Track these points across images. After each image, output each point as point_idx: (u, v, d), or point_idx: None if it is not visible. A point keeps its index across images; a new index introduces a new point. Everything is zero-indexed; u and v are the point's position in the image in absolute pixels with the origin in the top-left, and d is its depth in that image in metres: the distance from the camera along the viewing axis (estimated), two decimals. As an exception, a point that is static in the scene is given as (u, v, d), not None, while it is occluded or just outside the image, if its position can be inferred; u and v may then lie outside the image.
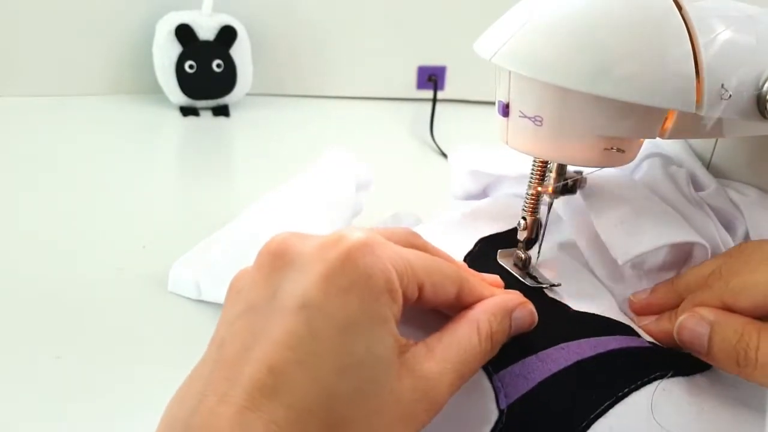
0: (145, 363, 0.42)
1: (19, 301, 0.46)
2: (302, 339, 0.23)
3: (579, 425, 0.29)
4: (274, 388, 0.23)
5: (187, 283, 0.47)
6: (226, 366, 0.24)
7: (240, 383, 0.23)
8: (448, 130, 0.80)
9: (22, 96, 0.80)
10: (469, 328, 0.28)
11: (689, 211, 0.38)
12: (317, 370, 0.23)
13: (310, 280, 0.24)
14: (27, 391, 0.39)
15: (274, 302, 0.25)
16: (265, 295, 0.25)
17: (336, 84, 0.89)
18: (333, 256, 0.25)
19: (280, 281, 0.25)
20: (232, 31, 0.79)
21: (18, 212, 0.57)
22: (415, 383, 0.25)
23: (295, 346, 0.23)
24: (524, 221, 0.36)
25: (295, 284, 0.25)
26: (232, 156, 0.77)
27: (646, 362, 0.31)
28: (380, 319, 0.25)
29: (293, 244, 0.26)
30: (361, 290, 0.24)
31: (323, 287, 0.24)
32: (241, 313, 0.25)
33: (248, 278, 0.26)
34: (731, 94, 0.29)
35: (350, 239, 0.25)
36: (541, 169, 0.35)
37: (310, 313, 0.24)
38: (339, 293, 0.24)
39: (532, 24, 0.30)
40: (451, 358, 0.27)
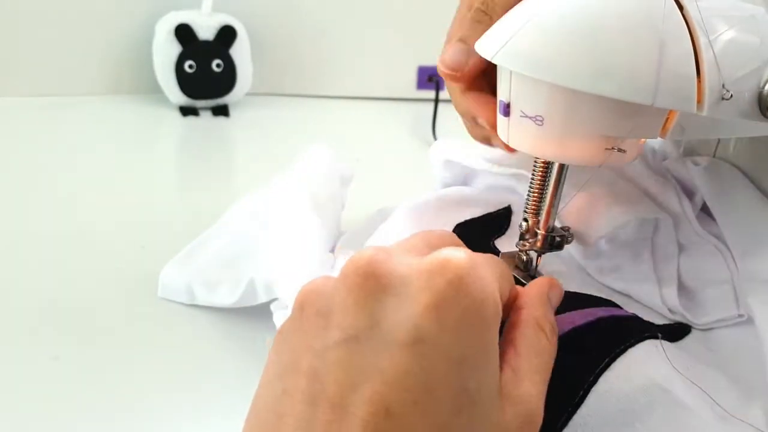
0: (145, 363, 0.42)
1: (18, 301, 0.46)
2: (417, 377, 0.21)
3: (587, 380, 0.29)
4: (391, 430, 0.21)
5: (178, 288, 0.46)
6: (331, 405, 0.22)
7: (351, 426, 0.21)
8: (448, 131, 0.80)
9: (22, 96, 0.80)
10: (534, 332, 0.27)
11: (651, 184, 0.40)
12: (434, 413, 0.21)
13: (419, 311, 0.22)
14: (25, 391, 0.39)
15: (380, 334, 0.22)
16: (367, 324, 0.22)
17: (336, 84, 0.89)
18: (442, 284, 0.23)
19: (380, 309, 0.23)
20: (231, 30, 0.79)
21: (18, 212, 0.57)
22: (517, 410, 0.24)
23: (411, 387, 0.21)
24: (526, 223, 0.35)
25: (402, 315, 0.22)
26: (231, 156, 0.77)
27: (636, 327, 0.32)
28: (493, 349, 0.23)
29: (387, 264, 0.24)
30: (473, 320, 0.23)
31: (435, 319, 0.22)
32: (339, 343, 0.22)
33: (335, 300, 0.24)
34: (732, 94, 0.29)
35: (457, 263, 0.23)
36: (543, 169, 0.35)
37: (424, 349, 0.22)
38: (452, 325, 0.22)
39: (534, 24, 0.30)
40: (534, 368, 0.26)
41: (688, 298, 0.38)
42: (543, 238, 0.35)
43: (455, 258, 0.23)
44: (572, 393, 0.29)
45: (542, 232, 0.35)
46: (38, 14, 0.78)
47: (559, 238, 0.35)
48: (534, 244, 0.35)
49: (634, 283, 0.38)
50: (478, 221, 0.41)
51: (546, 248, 0.35)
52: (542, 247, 0.35)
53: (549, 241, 0.35)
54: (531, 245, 0.35)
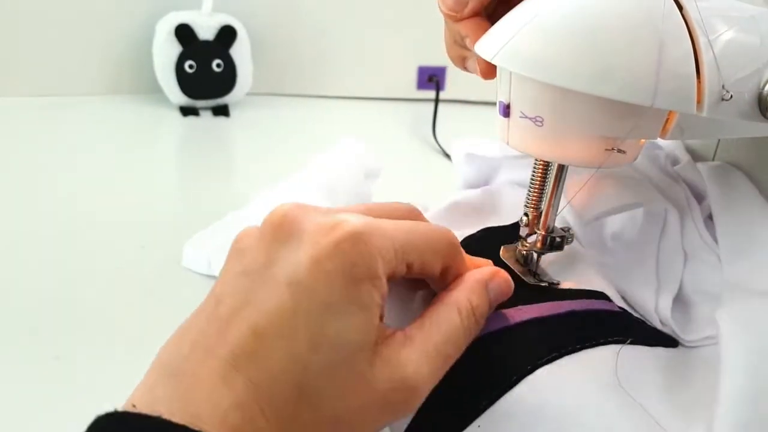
0: (145, 363, 0.42)
1: (18, 300, 0.46)
2: (285, 312, 0.25)
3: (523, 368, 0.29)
4: (254, 351, 0.25)
5: (199, 260, 0.50)
6: (219, 322, 0.26)
7: (226, 340, 0.25)
8: (448, 131, 0.80)
9: (22, 96, 0.80)
10: (448, 309, 0.29)
11: (662, 181, 0.39)
12: (293, 342, 0.25)
13: (302, 260, 0.26)
14: (25, 391, 0.39)
15: (268, 272, 0.26)
16: (263, 262, 0.27)
17: (336, 84, 0.89)
18: (325, 241, 0.26)
19: (277, 252, 0.27)
20: (231, 30, 0.79)
21: (18, 212, 0.57)
22: (392, 372, 0.26)
23: (277, 318, 0.25)
24: (526, 218, 0.36)
25: (289, 260, 0.26)
26: (231, 156, 0.77)
27: (610, 326, 0.32)
28: (358, 305, 0.26)
29: (296, 218, 0.28)
30: (343, 277, 0.26)
31: (311, 269, 0.26)
32: (239, 274, 0.27)
33: (252, 241, 0.28)
34: (732, 94, 0.29)
35: (345, 227, 0.26)
36: (543, 169, 0.35)
37: (295, 290, 0.26)
38: (324, 277, 0.26)
39: (534, 25, 0.30)
40: (432, 341, 0.28)
41: (682, 311, 0.37)
42: (543, 238, 0.35)
43: (348, 221, 0.27)
44: (506, 377, 0.29)
45: (542, 233, 0.35)
46: (38, 14, 0.78)
47: (559, 239, 0.35)
48: (534, 245, 0.35)
49: (634, 284, 0.38)
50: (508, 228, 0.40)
51: (546, 249, 0.35)
52: (542, 247, 0.35)
53: (549, 242, 0.35)
54: (531, 246, 0.36)
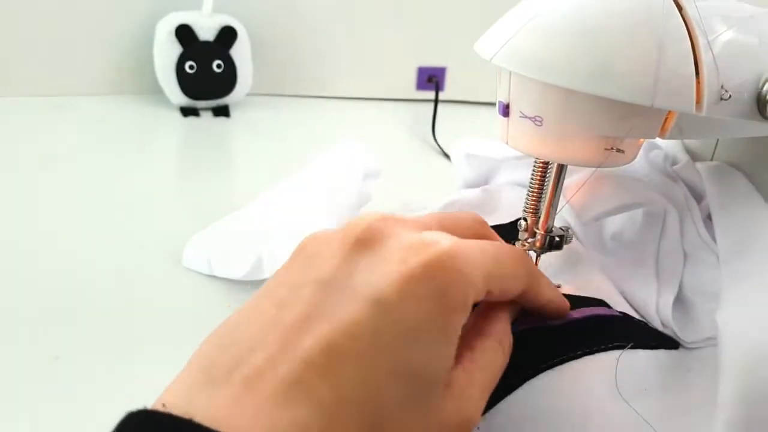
0: (145, 362, 0.42)
1: (18, 300, 0.46)
2: (365, 331, 0.23)
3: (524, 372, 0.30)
4: (326, 368, 0.22)
5: (199, 260, 0.50)
6: (284, 330, 0.23)
7: (294, 351, 0.23)
8: (448, 131, 0.80)
9: (22, 96, 0.80)
10: (493, 345, 0.28)
11: (660, 182, 0.40)
12: (371, 367, 0.23)
13: (389, 277, 0.24)
14: (26, 391, 0.39)
15: (347, 284, 0.24)
16: (342, 274, 0.25)
17: (336, 84, 0.89)
18: (417, 261, 0.24)
19: (358, 265, 0.25)
20: (232, 31, 0.79)
21: (18, 212, 0.57)
22: (458, 409, 0.25)
23: (358, 337, 0.23)
24: (525, 222, 0.36)
25: (372, 275, 0.24)
26: (232, 156, 0.77)
27: (613, 332, 0.32)
28: (446, 336, 0.24)
29: (381, 230, 0.26)
30: (434, 304, 0.24)
31: (400, 289, 0.24)
32: (312, 282, 0.25)
33: (326, 248, 0.26)
34: (731, 94, 0.29)
35: (439, 247, 0.25)
36: (542, 169, 0.35)
37: (380, 310, 0.23)
38: (413, 300, 0.24)
39: (533, 24, 0.30)
40: (485, 380, 0.27)
41: (683, 312, 0.37)
42: (542, 238, 0.35)
43: (439, 242, 0.25)
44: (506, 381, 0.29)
45: (541, 232, 0.35)
46: (38, 14, 0.78)
47: (558, 239, 0.35)
48: (533, 245, 0.35)
49: (634, 285, 0.38)
50: (505, 226, 0.41)
51: (545, 248, 0.35)
52: (541, 247, 0.35)
53: (548, 242, 0.35)
54: (530, 245, 0.36)
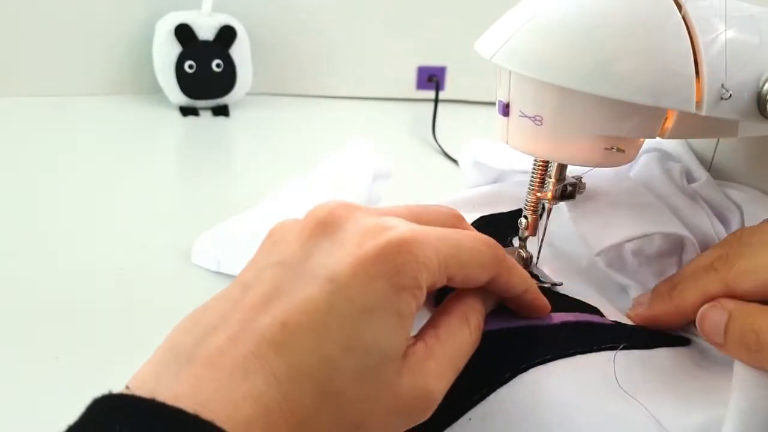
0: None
1: (18, 300, 0.46)
2: (320, 308, 0.24)
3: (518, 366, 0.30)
4: (282, 343, 0.24)
5: (207, 256, 0.51)
6: (245, 309, 0.25)
7: (252, 329, 0.24)
8: (448, 131, 0.80)
9: (22, 96, 0.80)
10: (460, 323, 0.29)
11: (682, 203, 0.38)
12: (325, 341, 0.24)
13: (344, 259, 0.25)
14: (26, 391, 0.39)
15: (305, 266, 0.26)
16: (300, 256, 0.26)
17: (336, 84, 0.89)
18: (371, 244, 0.25)
19: (317, 247, 0.26)
20: (231, 30, 0.79)
21: (18, 212, 0.57)
22: (416, 381, 0.26)
23: (311, 313, 0.24)
24: (525, 220, 0.36)
25: (329, 257, 0.26)
26: (232, 156, 0.77)
27: (603, 335, 0.32)
28: (396, 314, 0.25)
29: (341, 216, 0.27)
30: (385, 283, 0.25)
31: (353, 270, 0.25)
32: (273, 264, 0.26)
33: (288, 234, 0.27)
34: (731, 93, 0.29)
35: (392, 232, 0.26)
36: (542, 169, 0.35)
37: (333, 288, 0.25)
38: (365, 280, 0.25)
39: (533, 24, 0.30)
40: (448, 355, 0.28)
41: None
42: (554, 187, 0.34)
43: (396, 227, 0.26)
44: (500, 374, 0.29)
45: (553, 181, 0.34)
46: (38, 14, 0.78)
47: (570, 188, 0.35)
48: (545, 195, 0.35)
49: None
50: (506, 216, 0.40)
51: (557, 198, 0.35)
52: (553, 197, 0.35)
53: (560, 191, 0.35)
54: (542, 196, 0.35)
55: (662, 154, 0.41)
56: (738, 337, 0.29)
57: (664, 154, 0.41)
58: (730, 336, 0.29)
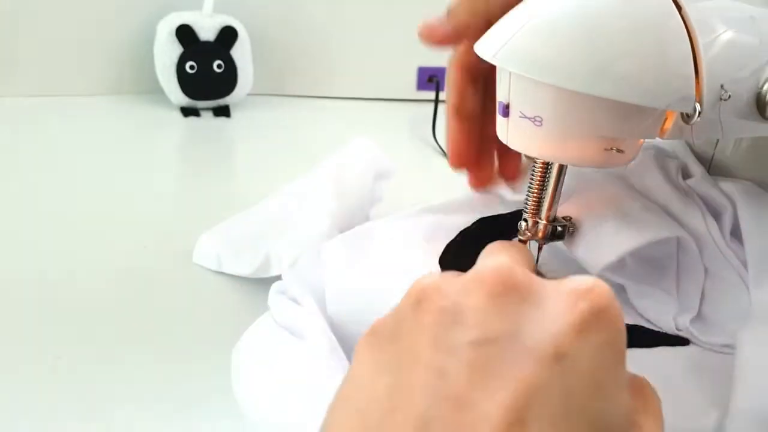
0: (145, 362, 0.42)
1: (19, 300, 0.46)
2: (556, 394, 0.21)
3: None
4: None
5: (209, 255, 0.51)
6: (459, 401, 0.20)
7: (480, 419, 0.20)
8: (448, 131, 0.80)
9: (22, 96, 0.80)
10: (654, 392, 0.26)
11: (675, 201, 0.38)
12: (565, 428, 0.21)
13: (562, 329, 0.22)
14: (27, 391, 0.39)
15: (520, 341, 0.21)
16: (507, 329, 0.22)
17: (336, 84, 0.89)
18: (586, 308, 0.22)
19: (521, 317, 0.22)
20: (232, 31, 0.79)
21: (18, 212, 0.57)
22: None
23: (549, 402, 0.20)
24: (525, 223, 0.36)
25: (544, 328, 0.22)
26: (233, 156, 0.77)
27: None
28: (624, 384, 0.23)
29: (526, 279, 0.23)
30: (611, 351, 0.22)
31: (577, 340, 0.21)
32: (475, 343, 0.22)
33: (468, 301, 0.23)
34: (731, 94, 0.29)
35: (601, 292, 0.23)
36: (542, 170, 0.35)
37: (565, 367, 0.21)
38: (592, 350, 0.22)
39: (532, 24, 0.30)
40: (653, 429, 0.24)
41: (702, 322, 0.36)
42: (545, 227, 0.35)
43: (599, 287, 0.23)
44: None
45: (544, 222, 0.35)
46: (38, 14, 0.78)
47: (560, 228, 0.35)
48: (535, 234, 0.35)
49: (652, 302, 0.37)
50: (505, 217, 0.40)
51: (547, 238, 0.35)
52: (544, 237, 0.35)
53: (551, 231, 0.35)
54: (532, 235, 0.35)
55: (658, 150, 0.42)
56: None
57: (660, 150, 0.42)
58: None
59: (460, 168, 0.41)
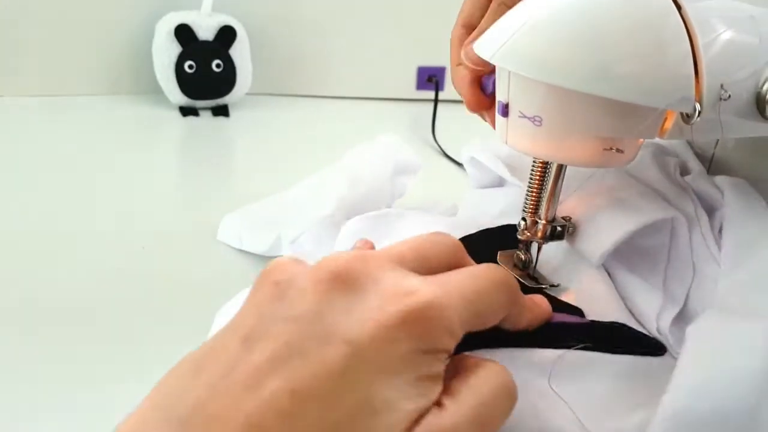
0: (145, 362, 0.42)
1: (18, 300, 0.46)
2: (333, 373, 0.22)
3: None
4: (288, 414, 0.22)
5: (232, 234, 0.54)
6: (249, 369, 0.23)
7: (260, 395, 0.22)
8: (448, 131, 0.80)
9: (22, 96, 0.80)
10: None
11: (669, 189, 0.38)
12: (333, 408, 0.22)
13: (365, 322, 0.23)
14: (27, 390, 0.39)
15: (322, 324, 0.23)
16: (316, 312, 0.24)
17: (335, 84, 0.89)
18: (394, 311, 0.24)
19: (334, 305, 0.24)
20: (231, 31, 0.79)
21: (18, 212, 0.57)
22: None
23: (323, 379, 0.22)
24: (524, 222, 0.36)
25: (348, 317, 0.24)
26: (231, 156, 0.77)
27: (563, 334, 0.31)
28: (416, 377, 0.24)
29: (360, 274, 0.25)
30: (407, 347, 0.23)
31: (373, 333, 0.23)
32: (285, 318, 0.24)
33: (298, 281, 0.25)
34: (730, 94, 0.29)
35: (415, 300, 0.24)
36: (541, 169, 0.35)
37: (350, 351, 0.23)
38: (385, 343, 0.23)
39: (532, 24, 0.30)
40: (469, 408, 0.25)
41: (680, 328, 0.35)
42: (544, 228, 0.35)
43: (418, 291, 0.24)
44: None
45: (543, 222, 0.35)
46: (38, 14, 0.78)
47: (560, 228, 0.35)
48: (534, 234, 0.35)
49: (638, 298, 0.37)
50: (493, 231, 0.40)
51: (547, 238, 0.35)
52: (543, 237, 0.35)
53: (550, 231, 0.35)
54: (531, 235, 0.35)
55: (657, 147, 0.42)
56: None
57: (659, 147, 0.42)
58: None
59: (478, 112, 0.41)
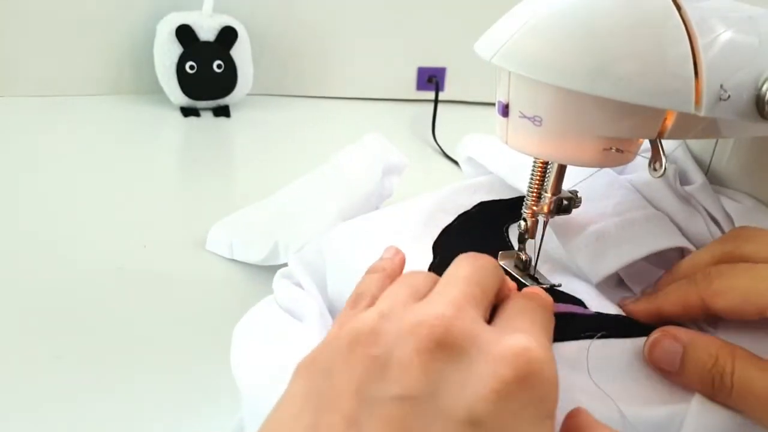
0: (145, 361, 0.42)
1: (18, 300, 0.46)
2: None
3: None
4: None
5: (221, 243, 0.53)
6: None
7: None
8: (448, 131, 0.80)
9: (22, 96, 0.80)
10: None
11: (677, 209, 0.38)
12: None
13: (483, 393, 0.22)
14: (28, 390, 0.39)
15: (438, 403, 0.22)
16: (427, 390, 0.22)
17: (336, 84, 0.89)
18: (510, 374, 0.22)
19: (444, 378, 0.23)
20: (232, 31, 0.79)
21: (18, 212, 0.57)
22: None
23: None
24: (524, 222, 0.36)
25: (464, 391, 0.22)
26: (232, 156, 0.77)
27: (581, 325, 0.32)
28: None
29: (459, 333, 0.24)
30: (532, 415, 0.22)
31: (495, 406, 0.22)
32: (394, 399, 0.22)
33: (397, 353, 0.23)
34: (730, 94, 0.29)
35: (530, 356, 0.23)
36: (541, 169, 0.35)
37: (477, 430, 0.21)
38: (510, 416, 0.22)
39: (532, 24, 0.30)
40: None
41: None
42: (550, 201, 0.35)
43: (531, 350, 0.23)
44: None
45: (549, 196, 0.35)
46: (39, 14, 0.78)
47: (566, 201, 0.35)
48: (541, 209, 0.35)
49: None
50: (506, 202, 0.40)
51: (553, 212, 0.35)
52: (549, 211, 0.35)
53: (557, 204, 0.35)
54: (538, 210, 0.35)
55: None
56: (698, 373, 0.29)
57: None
58: (689, 371, 0.29)
59: None
